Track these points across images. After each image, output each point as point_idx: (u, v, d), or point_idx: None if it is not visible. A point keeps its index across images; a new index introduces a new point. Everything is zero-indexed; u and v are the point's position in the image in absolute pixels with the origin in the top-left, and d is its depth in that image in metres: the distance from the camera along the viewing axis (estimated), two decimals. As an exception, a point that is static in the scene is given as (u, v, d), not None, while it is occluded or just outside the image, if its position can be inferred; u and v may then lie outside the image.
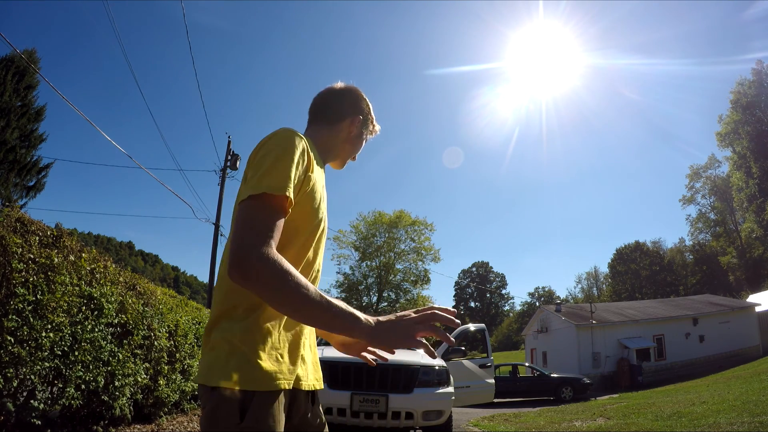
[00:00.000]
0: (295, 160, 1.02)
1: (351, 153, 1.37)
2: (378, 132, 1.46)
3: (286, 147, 1.03)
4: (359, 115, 1.35)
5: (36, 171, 20.90)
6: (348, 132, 1.33)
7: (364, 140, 1.40)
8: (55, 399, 3.71)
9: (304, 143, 1.08)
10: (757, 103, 37.70)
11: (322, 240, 1.18)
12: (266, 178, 0.97)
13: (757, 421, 5.60)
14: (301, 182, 1.05)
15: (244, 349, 0.97)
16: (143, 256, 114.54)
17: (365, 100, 1.40)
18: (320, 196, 1.14)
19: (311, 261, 1.14)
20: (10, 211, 3.73)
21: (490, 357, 7.90)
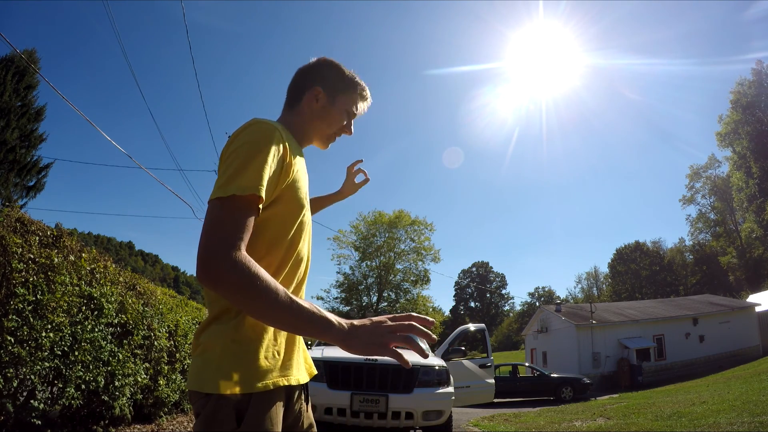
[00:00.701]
0: (267, 156, 0.97)
1: (326, 129, 1.24)
2: (366, 97, 1.29)
3: (256, 141, 0.98)
4: (318, 85, 1.22)
5: (36, 171, 20.91)
6: (310, 107, 1.22)
7: (345, 112, 1.25)
8: (55, 399, 3.71)
9: (278, 133, 1.02)
10: (757, 103, 37.70)
11: (309, 231, 1.16)
12: (235, 178, 0.93)
13: (757, 421, 5.60)
14: (277, 175, 1.00)
15: (236, 349, 0.95)
16: (143, 256, 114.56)
17: (336, 67, 1.25)
18: (304, 187, 1.11)
19: (302, 255, 1.11)
20: (10, 211, 3.73)
21: (490, 357, 7.90)
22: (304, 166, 1.17)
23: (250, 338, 0.97)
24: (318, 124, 1.23)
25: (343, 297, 35.63)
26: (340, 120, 1.24)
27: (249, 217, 0.92)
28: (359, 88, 1.27)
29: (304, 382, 1.11)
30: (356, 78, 1.27)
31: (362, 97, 1.29)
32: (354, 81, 1.26)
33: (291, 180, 1.05)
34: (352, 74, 1.27)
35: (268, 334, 1.00)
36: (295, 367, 1.07)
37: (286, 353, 1.04)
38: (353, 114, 1.27)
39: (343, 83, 1.25)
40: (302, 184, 1.10)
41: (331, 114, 1.23)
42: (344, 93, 1.25)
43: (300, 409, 1.12)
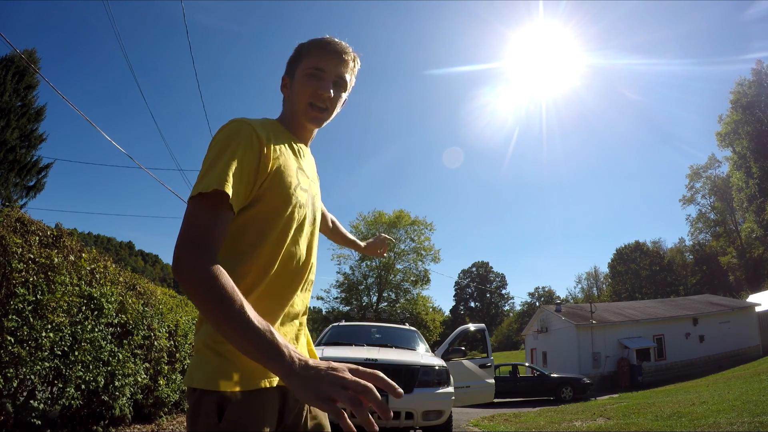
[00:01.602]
0: (233, 152, 0.95)
1: (298, 104, 1.15)
2: (321, 45, 1.16)
3: (223, 140, 0.97)
4: (284, 75, 1.21)
5: (36, 171, 20.91)
6: (285, 97, 1.20)
7: (305, 76, 1.15)
8: (55, 399, 3.71)
9: (250, 128, 0.99)
10: (757, 103, 37.70)
11: (305, 229, 1.09)
12: (203, 177, 0.92)
13: (757, 421, 5.60)
14: (254, 171, 0.97)
15: (221, 349, 0.94)
16: (143, 256, 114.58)
17: (300, 45, 1.18)
18: (293, 181, 1.05)
19: (294, 253, 1.06)
20: (10, 211, 3.73)
21: (490, 357, 7.89)
22: (300, 161, 1.12)
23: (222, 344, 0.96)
24: (294, 105, 1.16)
25: (343, 297, 35.67)
26: (303, 87, 1.14)
27: (217, 214, 0.90)
28: (307, 46, 1.17)
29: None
30: (305, 41, 1.18)
31: (316, 48, 1.15)
32: (301, 45, 1.18)
33: (272, 174, 1.01)
34: (306, 41, 1.19)
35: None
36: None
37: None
38: (317, 72, 1.14)
39: (296, 55, 1.19)
40: (290, 179, 1.04)
41: (295, 88, 1.15)
42: (298, 62, 1.17)
43: (301, 409, 1.08)
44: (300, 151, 1.15)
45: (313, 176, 1.21)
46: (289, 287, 1.06)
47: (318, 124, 1.18)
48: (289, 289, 1.07)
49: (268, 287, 1.01)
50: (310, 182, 1.15)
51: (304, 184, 1.10)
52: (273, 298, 1.03)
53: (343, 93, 1.19)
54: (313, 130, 1.20)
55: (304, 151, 1.18)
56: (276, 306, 1.03)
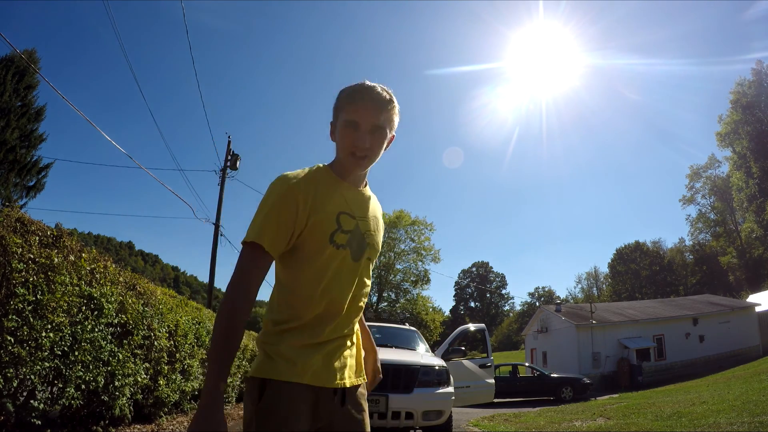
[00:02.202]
0: (272, 209, 1.20)
1: (341, 152, 1.29)
2: (354, 97, 1.25)
3: (266, 197, 1.23)
4: (332, 119, 1.33)
5: (36, 171, 20.91)
6: (334, 143, 1.33)
7: (345, 125, 1.27)
8: (55, 399, 3.71)
9: (291, 188, 1.21)
10: (757, 103, 37.69)
11: (345, 267, 1.28)
12: (250, 228, 1.21)
13: (757, 421, 5.60)
14: (292, 222, 1.20)
15: (267, 349, 1.23)
16: (143, 256, 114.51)
17: (339, 94, 1.31)
18: (331, 228, 1.24)
19: (329, 289, 1.26)
20: (10, 211, 3.72)
21: (490, 357, 7.89)
22: (347, 204, 1.29)
23: (278, 340, 1.24)
24: (339, 153, 1.32)
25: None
26: (343, 138, 1.27)
27: (254, 259, 1.19)
28: (344, 95, 1.28)
29: (329, 385, 1.25)
30: (344, 89, 1.29)
31: (350, 99, 1.26)
32: (341, 94, 1.29)
33: (309, 225, 1.22)
34: (344, 90, 1.30)
35: (296, 340, 1.23)
36: (321, 370, 1.24)
37: (311, 357, 1.23)
38: (355, 122, 1.25)
39: (337, 104, 1.30)
40: (327, 227, 1.23)
41: (338, 138, 1.29)
42: (339, 111, 1.29)
43: (333, 411, 1.26)
44: (348, 196, 1.31)
45: (364, 214, 1.35)
46: (327, 315, 1.27)
47: (361, 170, 1.32)
48: (326, 317, 1.27)
49: (310, 315, 1.25)
50: (357, 221, 1.31)
51: (347, 226, 1.27)
52: (315, 323, 1.26)
53: (385, 135, 1.29)
54: (360, 172, 1.34)
55: (352, 193, 1.33)
56: (316, 328, 1.26)
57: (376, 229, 1.38)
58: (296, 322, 1.25)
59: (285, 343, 1.23)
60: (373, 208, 1.40)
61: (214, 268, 16.29)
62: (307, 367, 1.22)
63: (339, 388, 1.27)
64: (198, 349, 6.84)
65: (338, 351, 1.30)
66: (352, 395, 1.32)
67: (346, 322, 1.32)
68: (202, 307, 8.28)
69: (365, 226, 1.33)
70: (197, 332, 6.84)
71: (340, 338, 1.31)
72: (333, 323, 1.28)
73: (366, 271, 1.35)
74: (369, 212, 1.37)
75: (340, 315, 1.29)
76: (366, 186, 1.40)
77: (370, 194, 1.41)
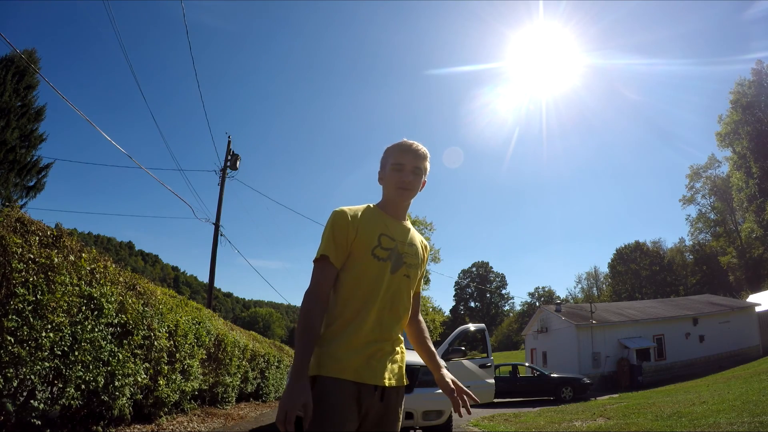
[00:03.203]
0: (332, 233, 1.55)
1: (389, 191, 1.68)
2: (402, 147, 1.67)
3: (327, 226, 1.59)
4: (380, 169, 1.73)
5: (36, 171, 20.90)
6: (382, 183, 1.72)
7: (391, 169, 1.66)
8: (55, 399, 3.71)
9: (344, 215, 1.57)
10: (757, 103, 37.68)
11: (386, 274, 1.56)
12: (318, 250, 1.56)
13: (757, 421, 5.60)
14: (345, 241, 1.55)
15: (318, 351, 1.49)
16: (143, 256, 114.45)
17: (387, 149, 1.71)
18: (372, 243, 1.56)
19: (367, 291, 1.54)
20: (10, 211, 3.72)
21: (490, 357, 7.90)
22: (388, 229, 1.63)
23: (327, 342, 1.51)
24: (386, 190, 1.70)
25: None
26: (392, 177, 1.66)
27: (323, 270, 1.53)
28: (392, 147, 1.69)
29: (369, 382, 1.49)
30: (391, 145, 1.70)
31: (398, 150, 1.67)
32: (389, 148, 1.71)
33: (357, 240, 1.56)
34: (391, 145, 1.71)
35: (336, 343, 1.49)
36: (363, 368, 1.48)
37: (353, 357, 1.48)
38: (400, 165, 1.65)
39: (385, 155, 1.71)
40: (369, 242, 1.56)
41: (387, 179, 1.68)
42: (387, 160, 1.70)
43: (372, 405, 1.50)
44: (389, 223, 1.65)
45: (404, 239, 1.66)
46: (364, 314, 1.52)
47: (404, 200, 1.68)
48: (364, 315, 1.52)
49: (349, 312, 1.53)
50: (397, 243, 1.63)
51: (386, 245, 1.60)
52: (354, 319, 1.52)
53: (421, 176, 1.69)
54: (403, 205, 1.70)
55: (394, 224, 1.67)
56: (356, 326, 1.51)
57: (414, 255, 1.67)
58: (339, 319, 1.52)
59: (332, 344, 1.49)
60: (413, 237, 1.72)
61: (214, 268, 16.29)
62: (349, 364, 1.47)
63: (379, 386, 1.51)
64: (198, 349, 6.83)
65: (379, 353, 1.54)
66: (392, 396, 1.57)
67: (387, 328, 1.56)
68: (202, 307, 8.28)
69: (403, 249, 1.64)
70: (197, 332, 6.84)
71: (380, 341, 1.55)
72: (371, 323, 1.52)
73: (404, 286, 1.62)
74: (408, 239, 1.68)
75: (378, 318, 1.54)
76: (407, 221, 1.74)
77: (410, 227, 1.74)
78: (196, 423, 6.34)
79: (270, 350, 12.75)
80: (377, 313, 1.54)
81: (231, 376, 8.61)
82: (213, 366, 7.74)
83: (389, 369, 1.57)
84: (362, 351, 1.50)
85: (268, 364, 12.04)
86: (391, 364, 1.58)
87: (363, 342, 1.51)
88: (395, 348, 1.62)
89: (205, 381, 7.35)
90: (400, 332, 1.66)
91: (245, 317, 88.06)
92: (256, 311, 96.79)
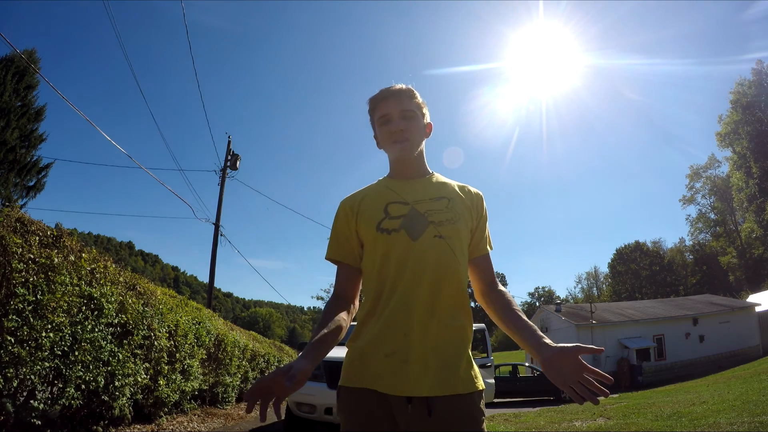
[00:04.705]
0: (334, 226, 1.41)
1: (385, 148, 1.42)
2: (375, 101, 1.42)
3: (333, 222, 1.43)
4: (374, 133, 1.48)
5: (36, 171, 20.90)
6: (380, 146, 1.45)
7: (378, 126, 1.41)
8: (55, 399, 3.71)
9: (343, 207, 1.41)
10: (757, 103, 37.68)
11: (398, 248, 1.27)
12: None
13: (757, 421, 5.59)
14: (349, 233, 1.38)
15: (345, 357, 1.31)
16: (143, 256, 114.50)
17: (368, 109, 1.46)
18: (376, 218, 1.32)
19: (382, 268, 1.27)
20: (10, 211, 3.72)
21: (490, 357, 7.89)
22: (397, 194, 1.36)
23: (349, 345, 1.30)
24: (386, 151, 1.43)
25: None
26: (382, 135, 1.40)
27: (337, 269, 1.39)
28: (370, 101, 1.43)
29: (394, 393, 1.15)
30: (369, 98, 1.44)
31: (378, 101, 1.40)
32: (368, 103, 1.44)
33: (360, 228, 1.35)
34: (369, 98, 1.45)
35: (355, 344, 1.28)
36: (385, 374, 1.17)
37: (373, 359, 1.20)
38: (386, 116, 1.38)
39: (369, 114, 1.45)
40: (373, 220, 1.32)
41: (379, 139, 1.43)
42: (372, 116, 1.44)
43: (410, 422, 1.14)
44: (400, 187, 1.38)
45: (422, 197, 1.35)
46: (387, 297, 1.24)
47: (406, 152, 1.37)
48: (387, 299, 1.24)
49: (371, 300, 1.28)
50: (412, 205, 1.32)
51: (397, 212, 1.31)
52: (377, 308, 1.26)
53: (417, 118, 1.38)
54: (410, 160, 1.40)
55: (407, 185, 1.38)
56: (380, 315, 1.24)
57: (446, 208, 1.32)
58: (359, 315, 1.31)
59: (352, 346, 1.28)
60: (442, 189, 1.39)
61: (214, 268, 16.29)
62: (367, 369, 1.20)
63: (415, 396, 1.14)
64: (198, 349, 6.84)
65: (406, 352, 1.17)
66: (445, 407, 1.14)
67: (422, 314, 1.20)
68: (202, 307, 8.28)
69: (424, 207, 1.32)
70: (197, 332, 6.84)
71: (411, 334, 1.18)
72: (392, 311, 1.20)
73: (443, 251, 1.25)
74: (432, 194, 1.36)
75: (403, 303, 1.20)
76: (430, 175, 1.44)
77: (435, 180, 1.42)
78: (196, 423, 6.34)
79: (270, 350, 12.75)
80: (401, 298, 1.20)
81: (231, 376, 8.60)
82: (213, 366, 7.74)
83: (432, 371, 1.16)
84: (382, 348, 1.18)
85: (268, 364, 12.04)
86: (435, 363, 1.17)
87: (384, 336, 1.19)
88: (442, 341, 1.19)
89: (205, 381, 7.35)
90: (462, 315, 1.26)
91: (245, 317, 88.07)
92: (256, 311, 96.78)
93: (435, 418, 1.13)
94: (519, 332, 1.24)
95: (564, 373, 1.10)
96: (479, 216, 1.40)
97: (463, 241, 1.32)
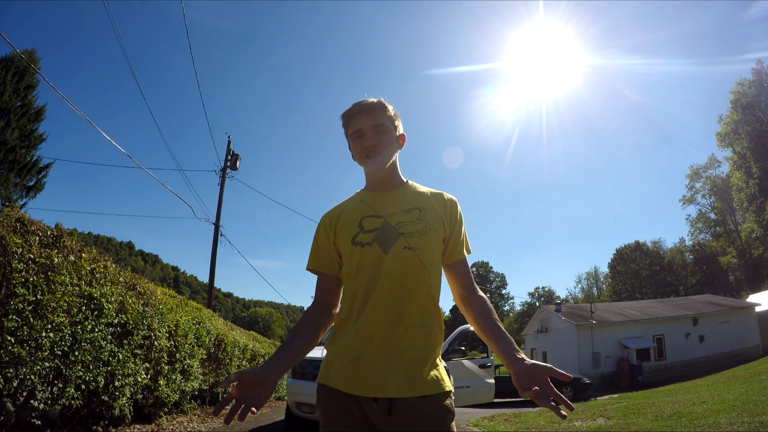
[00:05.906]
0: (314, 238, 1.48)
1: (359, 162, 1.46)
2: (346, 118, 1.44)
3: (314, 235, 1.50)
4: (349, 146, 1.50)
5: (36, 171, 20.90)
6: (355, 158, 1.48)
7: (351, 141, 1.45)
8: (55, 399, 3.71)
9: (322, 222, 1.48)
10: (757, 103, 37.66)
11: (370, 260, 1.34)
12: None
13: (757, 421, 5.59)
14: (328, 245, 1.44)
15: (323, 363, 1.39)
16: (143, 256, 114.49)
17: (341, 125, 1.48)
18: (351, 233, 1.38)
19: (355, 279, 1.35)
20: (10, 211, 3.72)
21: (490, 357, 7.89)
22: (373, 208, 1.41)
23: (327, 351, 1.37)
24: (361, 165, 1.47)
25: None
26: (355, 150, 1.43)
27: (317, 279, 1.46)
28: (343, 117, 1.45)
29: (356, 393, 1.24)
30: (342, 114, 1.46)
31: (349, 116, 1.43)
32: (341, 119, 1.46)
33: (338, 242, 1.41)
34: (341, 114, 1.47)
35: (336, 347, 1.32)
36: (349, 375, 1.25)
37: (340, 360, 1.29)
38: (358, 132, 1.41)
39: (343, 129, 1.47)
40: (348, 234, 1.39)
41: (353, 154, 1.46)
42: (346, 131, 1.46)
43: (379, 420, 1.22)
44: (375, 200, 1.44)
45: (395, 210, 1.40)
46: (358, 306, 1.32)
47: (377, 166, 1.41)
48: (358, 308, 1.32)
49: (346, 309, 1.36)
50: (385, 218, 1.38)
51: (370, 226, 1.37)
52: (350, 315, 1.34)
53: (388, 132, 1.42)
54: (384, 172, 1.44)
55: (382, 198, 1.44)
56: (351, 322, 1.32)
57: (417, 219, 1.37)
58: (336, 321, 1.38)
59: (328, 348, 1.36)
60: (414, 200, 1.43)
61: (214, 268, 16.29)
62: (335, 370, 1.29)
63: (379, 397, 1.20)
64: (198, 349, 6.84)
65: (371, 355, 1.24)
66: (407, 407, 1.20)
67: (388, 320, 1.26)
68: (202, 307, 8.28)
69: (396, 219, 1.37)
70: (197, 332, 6.84)
71: (377, 338, 1.25)
72: (365, 317, 1.28)
73: (411, 262, 1.31)
74: (403, 206, 1.41)
75: (374, 310, 1.27)
76: (404, 186, 1.48)
77: (408, 191, 1.46)
78: (196, 423, 6.34)
79: (270, 350, 12.75)
80: (371, 308, 1.27)
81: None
82: (213, 366, 7.74)
83: (395, 373, 1.23)
84: (349, 352, 1.26)
85: (268, 364, 12.03)
86: (400, 365, 1.24)
87: (353, 342, 1.27)
88: (406, 345, 1.26)
89: (205, 381, 7.35)
90: (431, 320, 1.32)
91: (245, 317, 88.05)
92: (256, 311, 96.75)
93: (397, 418, 1.20)
94: (495, 341, 1.29)
95: (530, 387, 1.11)
96: (452, 222, 1.44)
97: (434, 250, 1.37)
